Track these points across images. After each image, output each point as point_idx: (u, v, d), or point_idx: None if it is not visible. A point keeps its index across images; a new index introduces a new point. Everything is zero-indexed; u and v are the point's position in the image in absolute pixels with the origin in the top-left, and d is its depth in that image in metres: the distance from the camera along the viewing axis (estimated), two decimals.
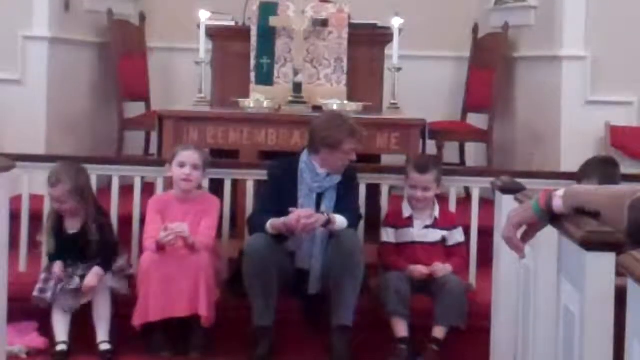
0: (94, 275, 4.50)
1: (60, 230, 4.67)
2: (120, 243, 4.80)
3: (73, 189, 4.60)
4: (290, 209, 4.48)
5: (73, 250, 4.62)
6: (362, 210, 4.81)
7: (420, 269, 4.59)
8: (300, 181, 4.63)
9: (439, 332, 4.48)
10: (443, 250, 4.74)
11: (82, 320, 4.52)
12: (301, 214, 4.44)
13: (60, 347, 4.45)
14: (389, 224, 4.77)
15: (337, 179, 4.64)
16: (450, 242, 4.75)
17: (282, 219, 4.46)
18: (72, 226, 4.67)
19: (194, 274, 4.46)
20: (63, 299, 4.49)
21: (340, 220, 4.53)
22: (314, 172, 4.62)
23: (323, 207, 4.59)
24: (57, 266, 4.56)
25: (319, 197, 4.63)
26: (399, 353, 4.43)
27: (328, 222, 4.51)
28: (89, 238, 4.61)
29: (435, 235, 4.74)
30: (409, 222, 4.75)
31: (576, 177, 4.73)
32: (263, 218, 4.52)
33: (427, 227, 4.74)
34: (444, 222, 4.77)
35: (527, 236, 2.58)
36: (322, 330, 4.47)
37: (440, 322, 4.48)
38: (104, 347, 4.46)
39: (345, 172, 4.67)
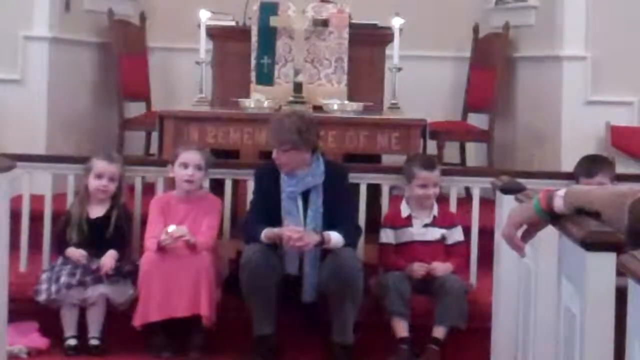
0: (109, 257, 4.55)
1: (85, 217, 4.72)
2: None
3: (123, 171, 4.77)
4: (286, 223, 4.44)
5: (93, 235, 4.64)
6: (362, 210, 4.80)
7: (418, 266, 4.58)
8: (281, 184, 4.56)
9: (439, 332, 4.47)
10: (443, 249, 4.73)
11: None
12: (292, 236, 4.35)
13: (72, 342, 4.50)
14: (388, 225, 4.76)
15: (314, 180, 4.53)
16: (449, 241, 4.75)
17: (276, 231, 4.39)
18: (96, 212, 4.72)
19: (195, 274, 4.46)
20: (73, 292, 4.49)
21: (336, 239, 4.42)
22: (290, 175, 4.53)
23: (309, 211, 4.53)
24: (75, 251, 4.59)
25: (305, 199, 4.55)
26: (400, 353, 4.43)
27: (322, 243, 4.41)
28: (111, 222, 4.66)
29: (434, 233, 4.73)
30: (407, 222, 4.74)
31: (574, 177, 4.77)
32: (255, 227, 4.47)
33: (426, 225, 4.74)
34: (443, 220, 4.76)
35: (527, 235, 2.58)
36: (321, 335, 4.46)
37: (440, 322, 4.47)
38: (94, 342, 4.50)
39: (330, 171, 4.59)
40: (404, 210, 4.77)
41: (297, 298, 4.47)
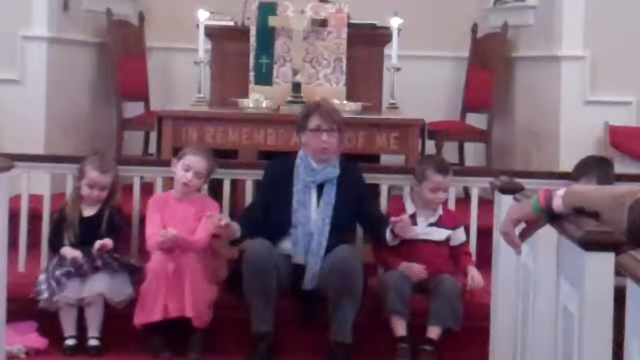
0: (104, 242, 4.56)
1: (78, 216, 4.72)
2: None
3: (115, 179, 4.75)
4: (297, 214, 4.49)
5: (87, 233, 4.64)
6: None
7: (419, 269, 4.56)
8: (296, 177, 4.60)
9: (433, 332, 4.46)
10: (448, 249, 4.71)
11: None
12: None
13: (70, 342, 4.50)
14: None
15: (332, 172, 4.58)
16: (454, 242, 4.73)
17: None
18: (89, 211, 4.73)
19: (192, 275, 4.45)
20: (72, 287, 4.50)
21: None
22: (309, 167, 4.58)
23: (322, 202, 4.56)
24: (69, 251, 4.58)
25: (320, 191, 4.59)
26: (400, 352, 4.42)
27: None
28: (103, 220, 4.67)
29: (440, 234, 4.70)
30: (412, 220, 4.70)
31: (572, 176, 4.73)
32: (248, 217, 4.57)
33: (431, 225, 4.71)
34: (448, 221, 4.74)
35: (525, 234, 2.58)
36: (320, 328, 4.47)
37: (433, 322, 4.45)
38: (93, 342, 4.50)
39: (345, 165, 4.63)
40: (409, 208, 4.73)
41: (299, 287, 4.50)
